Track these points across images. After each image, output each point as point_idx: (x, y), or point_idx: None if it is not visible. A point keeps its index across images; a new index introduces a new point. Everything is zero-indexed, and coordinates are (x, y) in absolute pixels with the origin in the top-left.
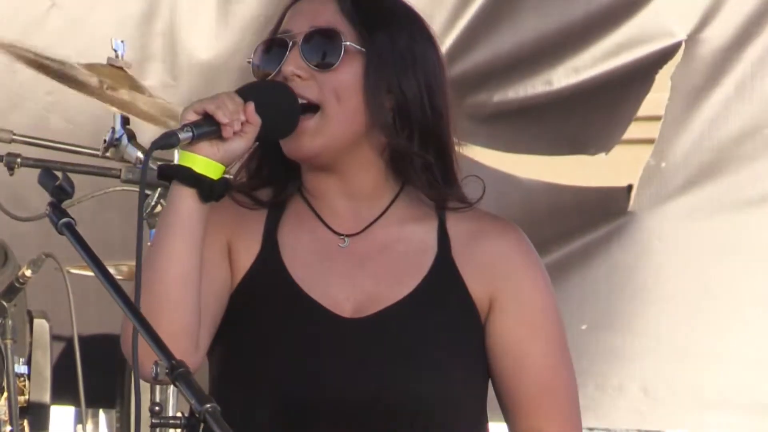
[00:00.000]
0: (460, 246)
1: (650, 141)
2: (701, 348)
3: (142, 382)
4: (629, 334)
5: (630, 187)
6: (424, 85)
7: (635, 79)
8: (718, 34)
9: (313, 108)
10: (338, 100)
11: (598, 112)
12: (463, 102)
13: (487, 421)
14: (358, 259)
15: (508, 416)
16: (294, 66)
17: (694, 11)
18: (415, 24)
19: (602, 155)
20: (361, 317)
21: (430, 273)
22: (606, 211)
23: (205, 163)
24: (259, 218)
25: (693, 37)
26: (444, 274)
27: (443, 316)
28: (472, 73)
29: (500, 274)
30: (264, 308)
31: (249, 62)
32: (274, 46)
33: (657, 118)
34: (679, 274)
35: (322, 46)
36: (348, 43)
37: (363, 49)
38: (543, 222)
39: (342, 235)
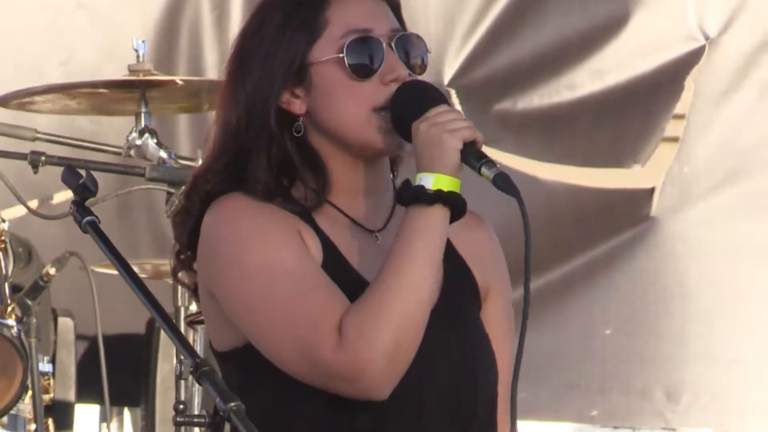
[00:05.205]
0: (453, 236)
1: (674, 139)
2: (725, 352)
3: (166, 380)
4: (653, 339)
5: (653, 190)
6: None
7: (662, 85)
8: (741, 37)
9: None
10: None
11: (629, 123)
12: (490, 108)
13: None
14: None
15: None
16: None
17: (717, 14)
18: None
19: (637, 167)
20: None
21: (446, 265)
22: (629, 216)
23: (459, 186)
24: (300, 220)
25: (716, 41)
26: (456, 265)
27: (472, 306)
28: (495, 76)
29: (492, 266)
30: None
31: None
32: None
33: (680, 117)
34: (702, 279)
35: None
36: None
37: None
38: (567, 227)
39: (373, 231)
